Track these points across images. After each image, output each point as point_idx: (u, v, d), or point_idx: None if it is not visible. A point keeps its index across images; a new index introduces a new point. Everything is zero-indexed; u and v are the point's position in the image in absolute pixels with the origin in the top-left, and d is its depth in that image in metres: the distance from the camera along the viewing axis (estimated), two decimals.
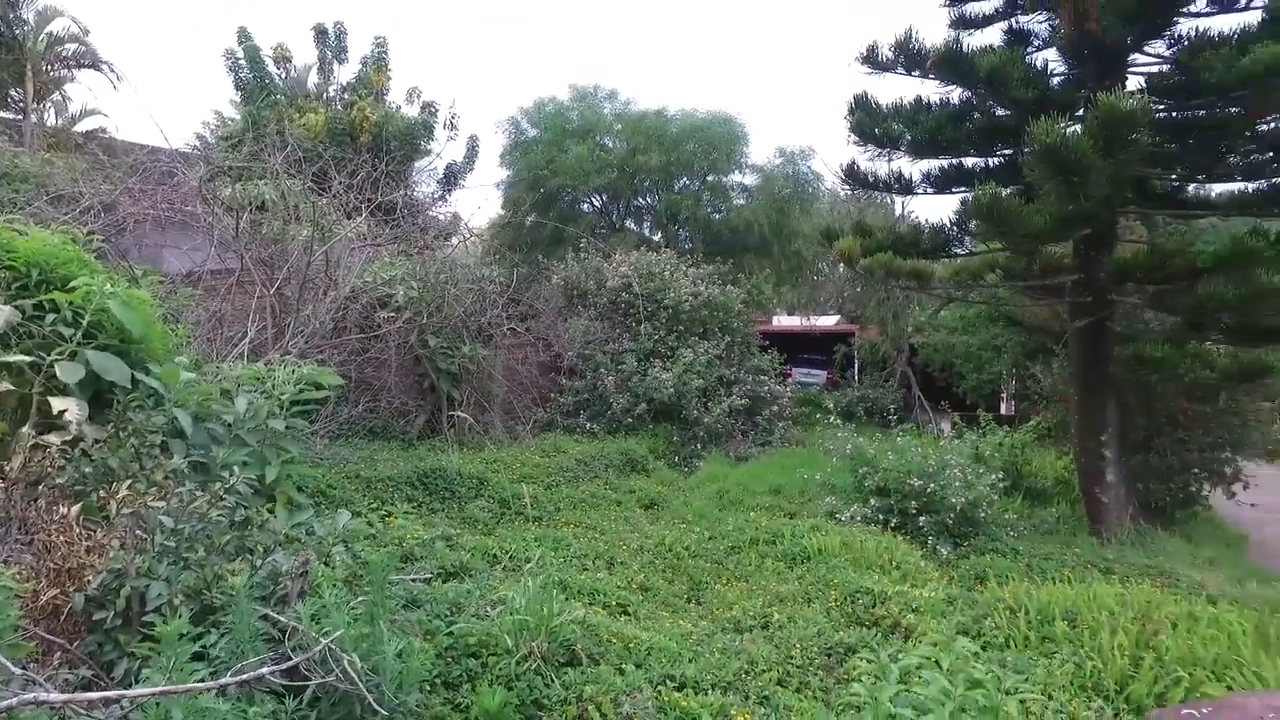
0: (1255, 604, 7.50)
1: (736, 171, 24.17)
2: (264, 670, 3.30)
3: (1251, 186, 10.68)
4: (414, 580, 5.74)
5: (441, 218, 17.76)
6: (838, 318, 28.96)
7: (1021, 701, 4.17)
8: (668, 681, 4.96)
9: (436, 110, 20.40)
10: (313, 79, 21.14)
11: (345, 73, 21.29)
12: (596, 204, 25.25)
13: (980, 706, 3.78)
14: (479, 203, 40.95)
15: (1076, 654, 5.84)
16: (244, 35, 20.17)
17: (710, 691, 4.90)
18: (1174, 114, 10.49)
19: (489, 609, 5.28)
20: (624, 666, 5.00)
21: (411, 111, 20.83)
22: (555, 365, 15.83)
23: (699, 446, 15.35)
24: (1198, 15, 10.13)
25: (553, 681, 4.59)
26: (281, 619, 3.75)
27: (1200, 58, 8.99)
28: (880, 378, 23.67)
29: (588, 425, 14.76)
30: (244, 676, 3.23)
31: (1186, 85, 9.58)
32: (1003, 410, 22.22)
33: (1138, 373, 11.65)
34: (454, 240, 16.45)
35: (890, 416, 17.51)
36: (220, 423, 5.78)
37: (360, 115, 19.42)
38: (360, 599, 4.06)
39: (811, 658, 5.73)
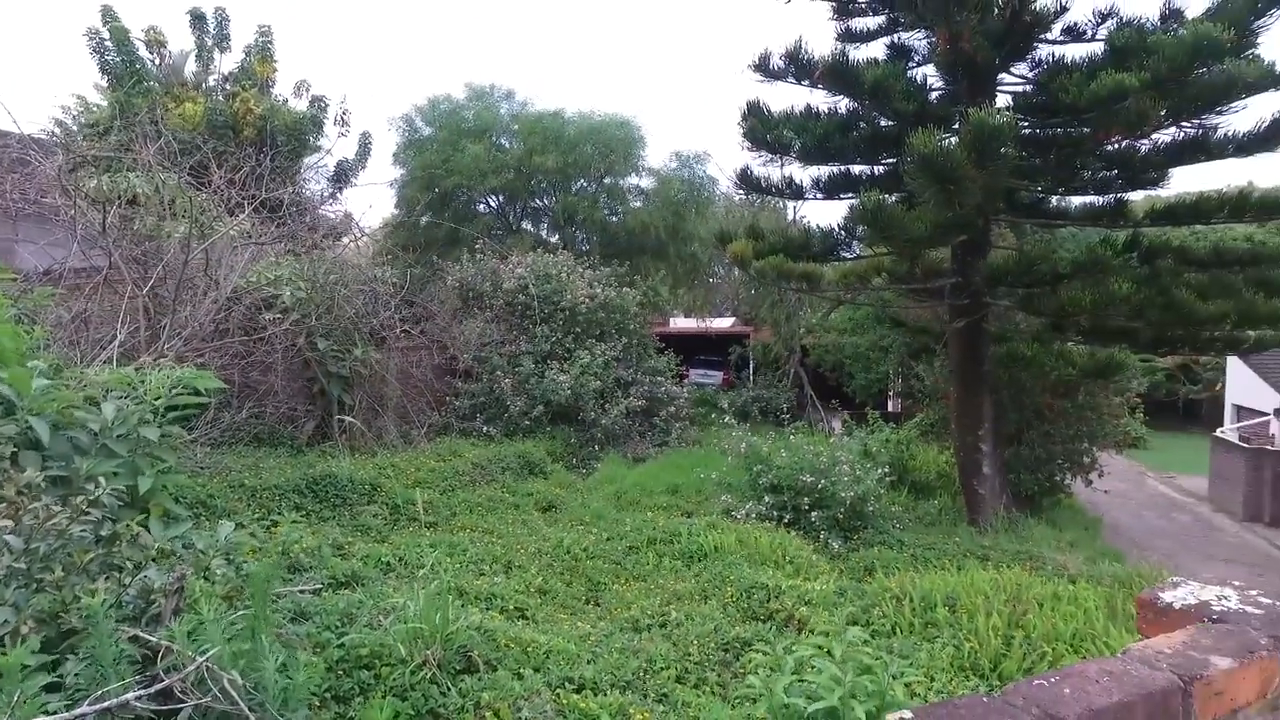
0: (1106, 581, 8.16)
1: (633, 174, 24.36)
2: (129, 696, 3.09)
3: (1101, 200, 11.56)
4: (302, 591, 5.51)
5: (332, 216, 17.12)
6: (733, 320, 29.56)
7: (907, 685, 4.36)
8: (566, 684, 4.94)
9: (326, 105, 19.66)
10: (190, 67, 19.99)
11: (227, 62, 20.23)
12: (493, 205, 24.92)
13: (869, 691, 3.93)
14: (371, 202, 39.80)
15: (956, 637, 6.17)
16: (109, 14, 18.86)
17: (609, 692, 4.91)
18: (1037, 131, 11.24)
19: (382, 618, 5.14)
20: (522, 671, 4.96)
21: (300, 105, 19.99)
22: (451, 368, 15.52)
23: (597, 448, 15.37)
24: (1054, 42, 10.91)
25: (449, 690, 4.50)
26: (153, 639, 3.52)
27: (1057, 80, 9.66)
28: (774, 378, 24.30)
29: (484, 428, 14.55)
30: (105, 704, 3.01)
31: (1046, 105, 10.28)
32: (890, 408, 23.20)
33: (1010, 371, 12.40)
34: (345, 240, 15.89)
35: (783, 416, 18.03)
36: (85, 431, 5.39)
37: (243, 107, 18.49)
38: (242, 613, 3.87)
39: (709, 654, 5.83)
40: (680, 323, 29.50)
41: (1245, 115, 15.42)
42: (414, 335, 14.41)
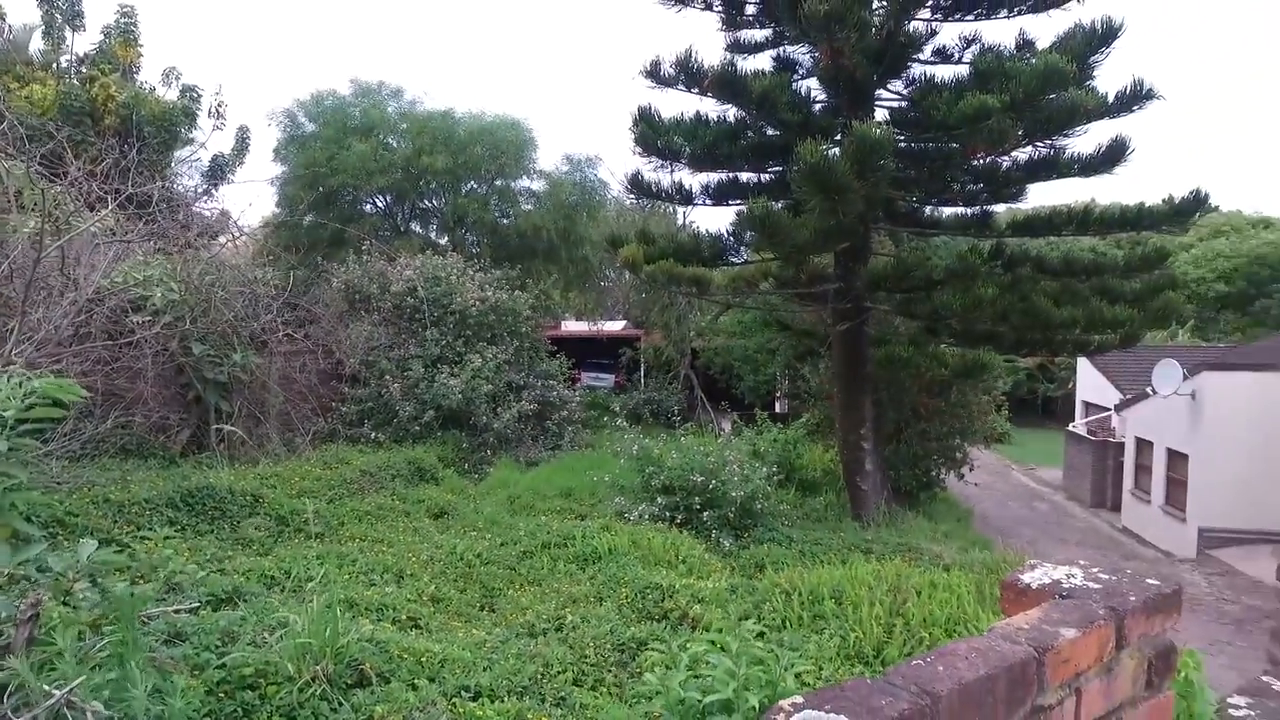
0: (976, 568, 8.75)
1: (525, 177, 24.21)
2: None
3: (969, 211, 12.35)
4: (178, 612, 5.24)
5: (207, 214, 16.20)
6: (624, 323, 29.78)
7: (797, 675, 4.55)
8: (462, 692, 4.90)
9: (199, 95, 18.54)
10: (36, 44, 18.41)
11: (81, 43, 18.80)
12: (380, 205, 24.24)
13: (762, 682, 4.09)
14: (251, 199, 37.92)
15: (842, 627, 6.47)
16: None
17: (506, 698, 4.90)
18: (912, 144, 11.89)
19: (267, 635, 4.95)
20: (416, 682, 4.88)
21: (169, 95, 18.80)
22: (337, 373, 14.99)
23: (489, 453, 15.20)
24: (926, 63, 11.59)
25: (340, 705, 4.39)
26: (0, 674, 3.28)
27: (929, 98, 10.28)
28: (665, 380, 24.64)
29: (373, 434, 14.15)
30: None
31: (920, 121, 10.90)
32: (778, 409, 23.91)
33: (889, 372, 13.05)
34: (222, 239, 15.11)
35: (674, 417, 18.31)
36: None
37: (103, 93, 17.22)
38: (108, 639, 3.65)
39: (606, 655, 5.89)
40: (572, 326, 29.50)
41: (1088, 140, 16.84)
42: (298, 339, 13.83)
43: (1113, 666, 1.83)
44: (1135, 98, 10.29)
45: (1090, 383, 25.91)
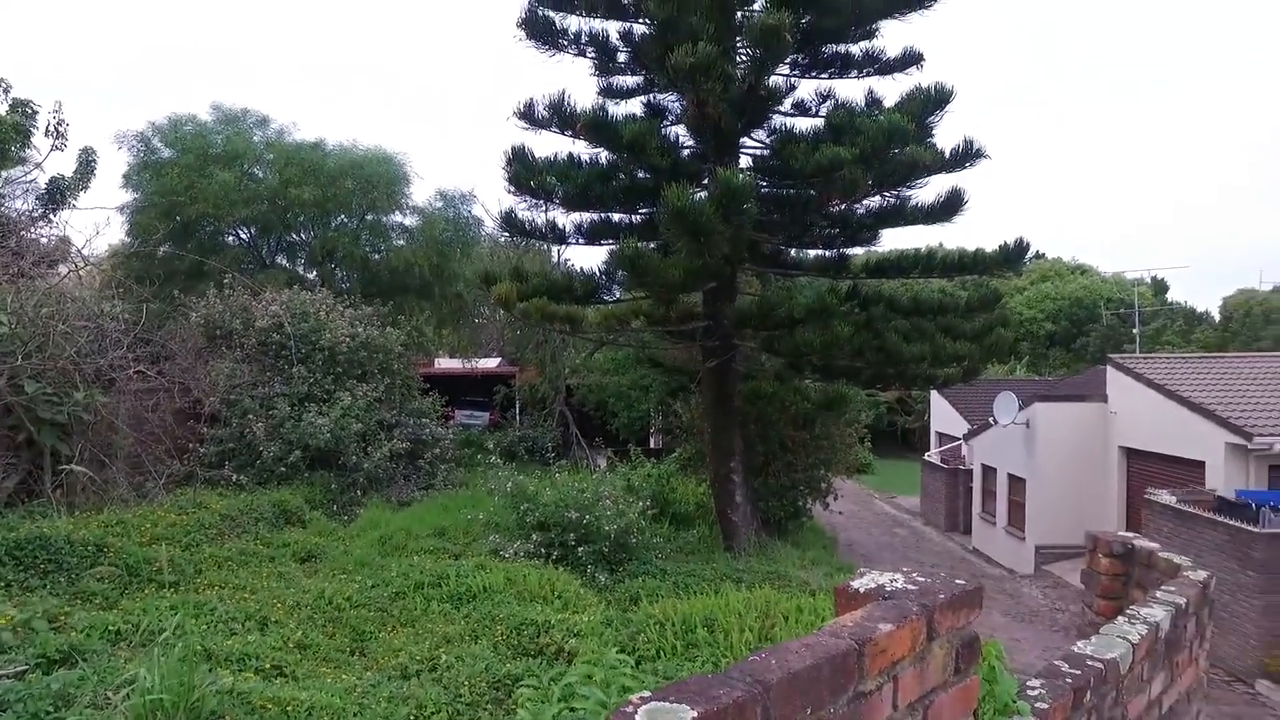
0: None
1: (397, 212, 23.84)
2: None
3: (828, 253, 13.18)
4: (2, 677, 4.87)
5: (44, 240, 15.08)
6: (499, 360, 29.58)
7: None
8: None
9: (35, 111, 17.22)
10: None
11: None
12: (244, 237, 23.23)
13: None
14: (98, 226, 35.32)
15: (714, 654, 6.71)
16: None
17: None
18: (775, 190, 12.62)
19: (110, 694, 4.68)
20: None
21: None
22: (195, 412, 14.17)
23: (359, 493, 14.73)
24: (787, 114, 12.42)
25: None
26: None
27: (788, 148, 10.99)
28: (540, 417, 24.60)
29: (234, 477, 13.45)
30: None
31: (782, 168, 11.61)
32: (652, 444, 24.30)
33: (757, 406, 13.61)
34: (63, 269, 14.09)
35: (549, 454, 18.33)
36: None
37: None
38: None
39: (481, 693, 5.88)
40: (446, 363, 29.03)
41: (930, 191, 18.28)
42: (151, 377, 13.03)
43: (925, 655, 2.10)
44: (967, 155, 11.39)
45: (943, 414, 27.79)
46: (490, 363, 29.55)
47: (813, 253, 14.12)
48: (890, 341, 12.02)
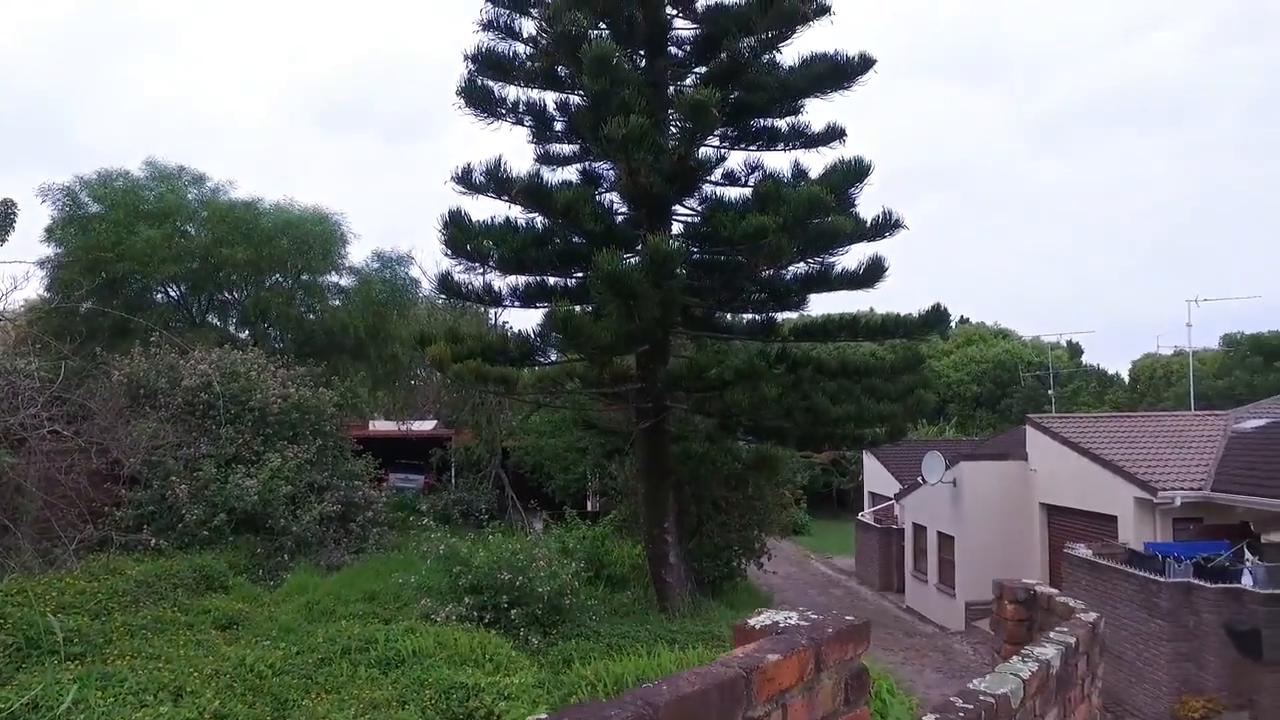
0: None
1: (334, 272, 23.73)
2: None
3: (759, 317, 13.63)
4: None
5: None
6: (435, 422, 29.29)
7: None
8: None
9: None
10: None
11: None
12: (173, 295, 22.78)
13: None
14: (15, 280, 34.05)
15: None
16: None
17: None
18: (706, 256, 13.07)
19: None
20: None
21: None
22: (113, 474, 13.67)
23: (287, 557, 14.32)
24: (717, 184, 12.98)
25: None
26: None
27: (718, 216, 11.47)
28: (475, 480, 24.34)
29: (153, 541, 12.97)
30: None
31: (712, 235, 12.08)
32: (589, 507, 24.21)
33: (689, 466, 13.82)
34: None
35: (484, 516, 18.14)
36: None
37: None
38: None
39: None
40: (380, 425, 28.58)
41: (853, 258, 19.12)
42: (66, 437, 12.58)
43: (814, 685, 2.28)
44: (886, 225, 12.04)
45: (875, 475, 28.38)
46: (426, 425, 29.21)
47: (745, 317, 14.56)
48: (818, 402, 12.41)
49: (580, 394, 14.09)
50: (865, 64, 12.14)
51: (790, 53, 12.54)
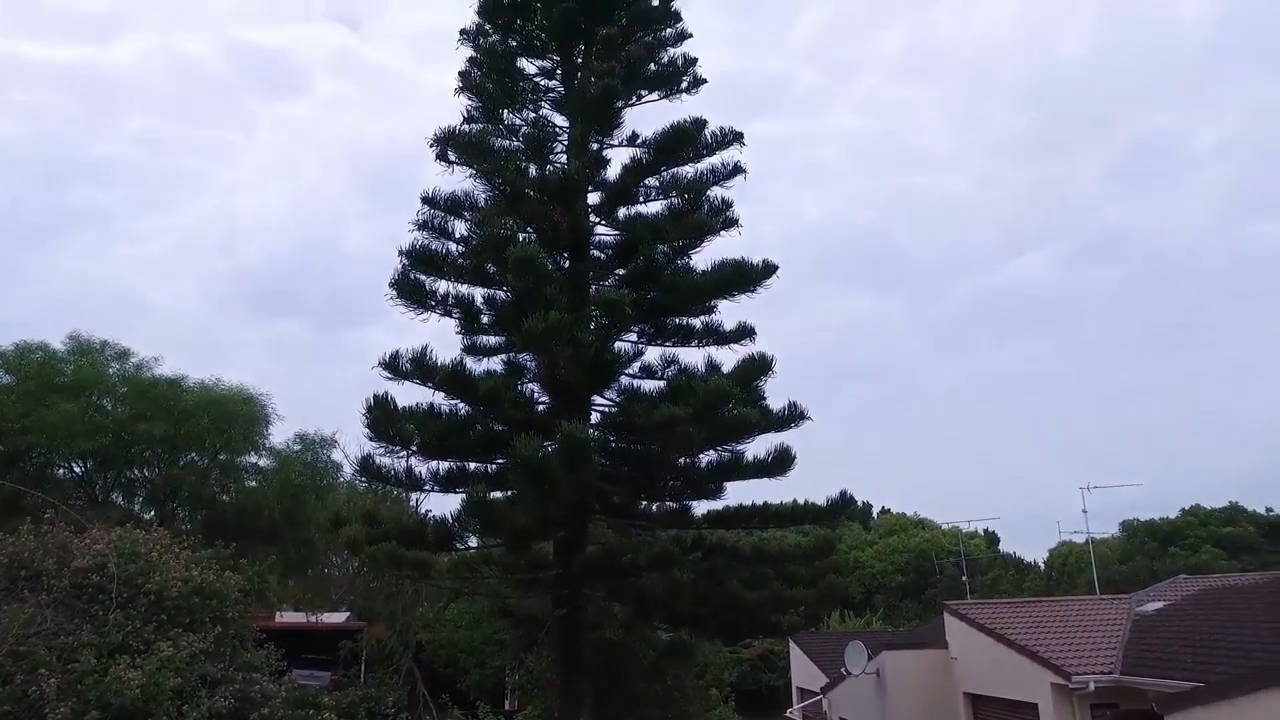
0: None
1: (253, 453, 23.40)
2: None
3: (675, 505, 13.99)
4: None
5: None
6: (347, 614, 28.03)
7: None
8: None
9: None
10: None
11: None
12: (79, 470, 22.03)
13: None
14: None
15: None
16: None
17: None
18: (623, 445, 13.55)
19: None
20: None
21: None
22: None
23: None
24: (634, 376, 13.74)
25: None
26: None
27: (633, 406, 12.08)
28: (386, 674, 23.02)
29: None
30: None
31: (629, 425, 12.63)
32: (507, 705, 22.97)
33: (607, 657, 13.52)
34: None
35: (390, 711, 17.06)
36: None
37: None
38: None
39: None
40: (289, 616, 27.08)
41: (762, 447, 19.92)
42: None
43: None
44: (792, 417, 12.82)
45: (802, 669, 27.73)
46: (337, 617, 27.87)
47: (663, 505, 14.84)
48: (732, 588, 12.54)
49: (497, 581, 13.93)
50: (768, 270, 13.37)
51: (703, 257, 13.80)
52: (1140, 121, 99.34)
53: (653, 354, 14.40)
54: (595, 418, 13.37)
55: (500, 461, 13.17)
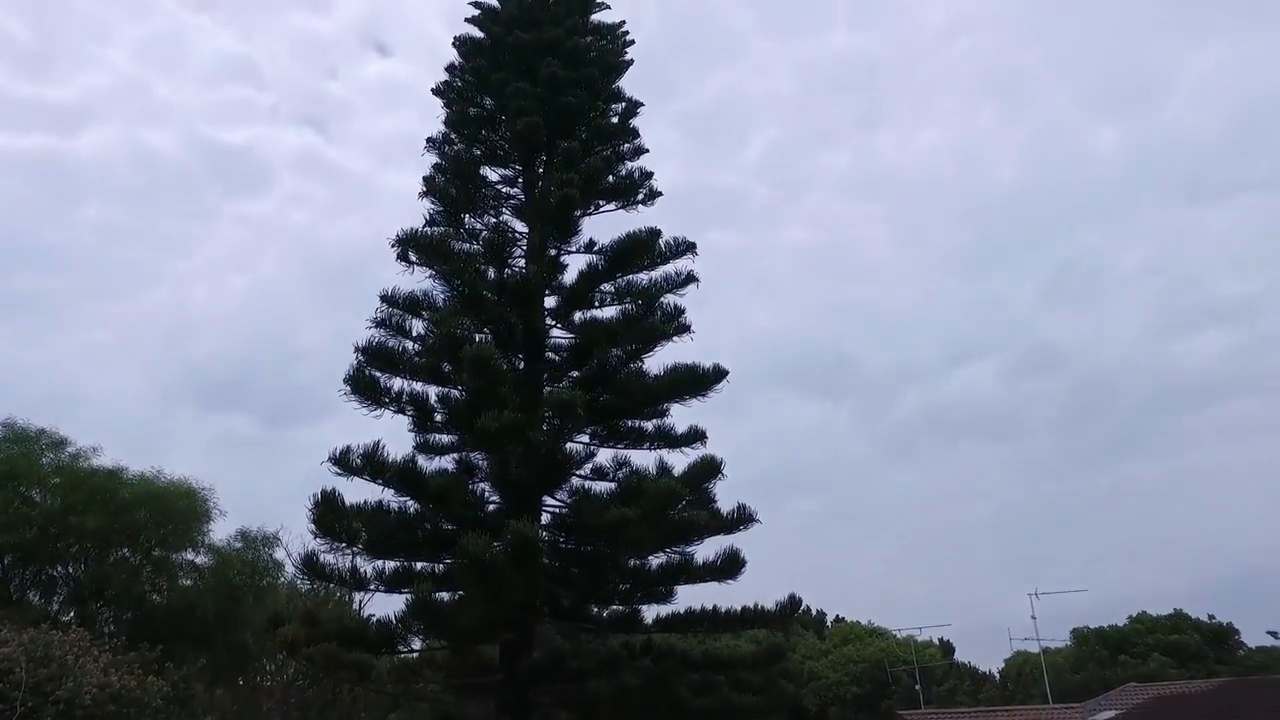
0: None
1: (192, 549, 22.46)
2: None
3: (625, 608, 13.84)
4: None
5: None
6: None
7: None
8: None
9: None
10: None
11: None
12: None
13: None
14: None
15: None
16: None
17: None
18: (574, 547, 13.48)
19: None
20: None
21: None
22: None
23: None
24: (587, 478, 13.80)
25: None
26: None
27: (584, 506, 12.11)
28: None
29: None
30: None
31: (580, 525, 12.62)
32: None
33: None
34: None
35: None
36: None
37: None
38: None
39: None
40: None
41: (712, 550, 19.85)
42: None
43: None
44: (741, 519, 12.93)
45: None
46: None
47: (612, 608, 14.63)
48: (681, 695, 12.31)
49: (440, 687, 13.48)
50: (719, 375, 13.74)
51: (657, 362, 14.11)
52: (1071, 241, 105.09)
53: (605, 455, 14.51)
54: (546, 518, 13.33)
55: (448, 561, 12.98)
